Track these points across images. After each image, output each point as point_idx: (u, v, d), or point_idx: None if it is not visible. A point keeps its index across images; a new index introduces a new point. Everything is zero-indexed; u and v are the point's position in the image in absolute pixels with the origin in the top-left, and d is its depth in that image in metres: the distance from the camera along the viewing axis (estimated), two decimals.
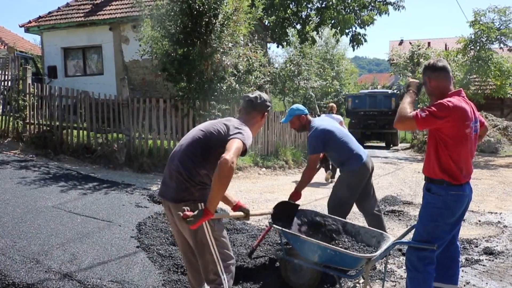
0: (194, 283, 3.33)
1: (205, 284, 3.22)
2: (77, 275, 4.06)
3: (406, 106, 3.19)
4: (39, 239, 4.87)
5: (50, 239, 4.89)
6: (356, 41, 18.51)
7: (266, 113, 3.34)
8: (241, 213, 3.40)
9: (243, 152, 2.88)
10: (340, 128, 4.91)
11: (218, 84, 9.95)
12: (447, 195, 3.19)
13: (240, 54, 10.58)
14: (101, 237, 5.13)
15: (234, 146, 2.78)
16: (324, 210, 5.15)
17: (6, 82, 11.99)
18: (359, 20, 18.06)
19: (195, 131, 3.12)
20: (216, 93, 9.93)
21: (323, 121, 4.97)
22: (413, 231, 3.52)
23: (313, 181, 5.21)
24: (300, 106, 5.06)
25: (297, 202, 4.59)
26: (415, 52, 23.90)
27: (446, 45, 29.25)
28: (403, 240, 3.74)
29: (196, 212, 2.73)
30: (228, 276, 3.07)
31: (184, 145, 3.06)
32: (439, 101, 3.14)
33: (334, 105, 10.93)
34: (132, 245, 4.95)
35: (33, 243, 4.73)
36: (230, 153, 2.70)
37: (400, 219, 6.91)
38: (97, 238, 5.08)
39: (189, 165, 2.95)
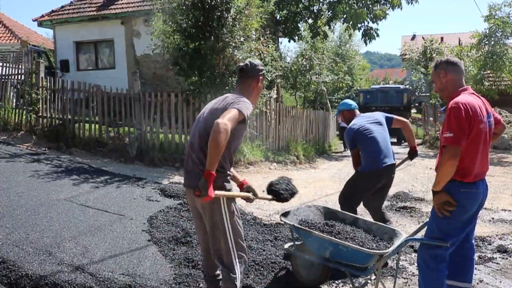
0: (210, 272, 3.41)
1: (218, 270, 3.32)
2: (89, 268, 4.08)
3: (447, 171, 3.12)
4: (52, 231, 4.91)
5: (63, 232, 4.92)
6: (368, 35, 18.33)
7: (261, 77, 3.36)
8: (249, 194, 3.44)
9: (242, 120, 2.99)
10: (373, 129, 4.89)
11: (230, 79, 9.93)
12: (459, 192, 3.15)
13: (252, 49, 10.53)
14: (112, 230, 5.15)
15: (228, 113, 2.88)
16: (335, 206, 5.13)
17: (19, 76, 12.09)
18: (371, 15, 17.86)
19: (203, 118, 3.17)
20: (227, 87, 9.90)
21: (360, 119, 5.05)
22: (425, 228, 3.48)
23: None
24: (348, 101, 5.36)
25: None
26: (428, 47, 23.68)
27: (459, 40, 28.91)
28: (416, 237, 3.70)
29: (200, 182, 2.80)
30: (240, 265, 3.18)
31: (197, 133, 3.13)
32: (452, 115, 3.08)
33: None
34: (144, 239, 4.97)
35: (46, 236, 4.76)
36: (223, 118, 2.82)
37: (411, 216, 6.86)
38: (109, 231, 5.10)
39: (205, 151, 2.94)
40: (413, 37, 44.12)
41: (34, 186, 6.80)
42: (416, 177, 10.64)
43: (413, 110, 30.66)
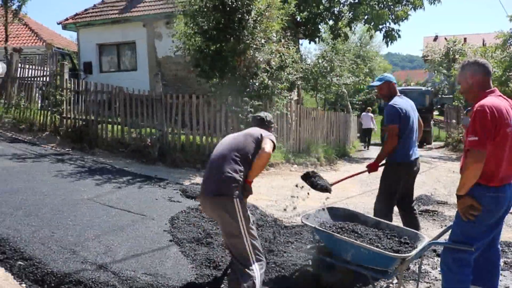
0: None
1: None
2: (112, 267, 4.14)
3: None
4: (76, 230, 4.99)
5: (86, 231, 5.00)
6: (390, 37, 18.13)
7: (272, 128, 4.10)
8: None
9: (273, 149, 3.67)
10: (412, 119, 4.76)
11: (251, 80, 9.96)
12: (484, 197, 3.10)
13: (273, 50, 10.54)
14: (135, 230, 5.21)
15: (269, 143, 3.62)
16: (357, 209, 5.10)
17: (44, 78, 12.33)
18: (392, 16, 17.66)
19: (234, 139, 3.77)
20: (248, 89, 9.93)
21: (405, 103, 4.80)
22: (449, 232, 3.43)
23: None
24: (392, 76, 5.06)
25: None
26: (451, 48, 23.35)
27: (483, 41, 28.44)
28: (439, 240, 3.65)
29: (248, 189, 3.64)
30: (260, 267, 3.44)
31: (226, 150, 3.65)
32: (478, 118, 3.03)
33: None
34: (165, 239, 5.01)
35: (70, 234, 4.85)
36: (267, 147, 3.58)
37: (434, 219, 6.76)
38: (131, 231, 5.15)
39: (234, 166, 3.52)
40: (435, 38, 43.53)
41: (58, 185, 6.92)
42: (438, 180, 10.50)
43: (435, 112, 30.27)
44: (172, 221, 5.60)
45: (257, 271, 3.39)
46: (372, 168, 4.81)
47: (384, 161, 4.82)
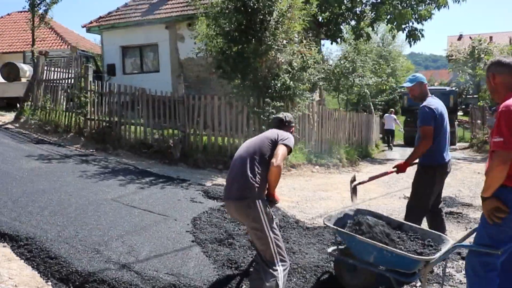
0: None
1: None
2: (135, 267, 4.18)
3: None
4: (99, 230, 5.06)
5: (110, 231, 5.07)
6: (413, 36, 17.88)
7: (292, 129, 4.08)
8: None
9: (288, 152, 3.72)
10: (446, 120, 4.71)
11: (273, 81, 9.95)
12: (511, 199, 3.03)
13: (295, 51, 10.52)
14: (157, 230, 5.26)
15: (280, 152, 3.59)
16: (379, 210, 5.05)
17: (69, 80, 12.54)
18: (416, 15, 17.40)
19: (255, 142, 3.81)
20: (270, 90, 9.93)
21: (438, 103, 4.72)
22: (474, 235, 3.36)
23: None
24: (423, 76, 5.00)
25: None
26: (476, 47, 22.91)
27: (510, 39, 27.79)
28: (464, 243, 3.58)
29: (272, 203, 3.78)
30: (284, 267, 3.48)
31: (247, 153, 3.70)
32: (502, 119, 2.96)
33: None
34: (187, 240, 5.04)
35: (94, 234, 4.92)
36: (278, 160, 3.55)
37: (458, 222, 6.65)
38: (154, 231, 5.20)
39: (254, 168, 3.58)
40: (460, 37, 42.79)
41: (82, 186, 7.04)
42: (463, 181, 10.31)
43: (460, 113, 29.76)
44: (194, 221, 5.63)
45: (280, 272, 3.42)
46: (401, 168, 4.72)
47: (416, 161, 4.74)
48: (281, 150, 3.59)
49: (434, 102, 4.67)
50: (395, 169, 4.78)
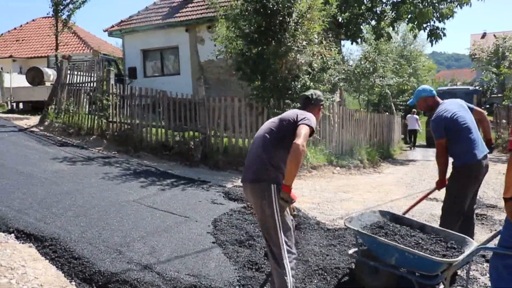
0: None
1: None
2: (156, 267, 4.22)
3: None
4: (121, 231, 5.12)
5: (132, 232, 5.12)
6: (434, 35, 17.62)
7: (321, 107, 3.89)
8: None
9: (311, 133, 3.43)
10: (466, 117, 4.58)
11: (293, 83, 9.94)
12: None
13: (315, 52, 10.48)
14: (178, 231, 5.30)
15: (303, 132, 3.33)
16: (401, 211, 5.00)
17: (91, 83, 12.75)
18: (437, 14, 17.15)
19: (270, 123, 3.64)
20: (290, 92, 9.91)
21: (450, 106, 4.65)
22: (498, 237, 3.29)
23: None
24: (427, 87, 4.95)
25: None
26: (500, 46, 22.45)
27: None
28: (488, 245, 3.51)
29: (284, 196, 3.29)
30: (290, 259, 3.40)
31: (262, 134, 3.58)
32: None
33: None
34: (208, 241, 5.06)
35: (116, 235, 4.98)
36: (300, 139, 3.27)
37: (483, 223, 6.53)
38: (175, 233, 5.24)
39: (268, 149, 3.46)
40: (484, 35, 42.07)
41: (105, 187, 7.14)
42: (487, 182, 10.11)
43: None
44: (215, 223, 5.66)
45: (287, 265, 3.35)
46: (440, 185, 4.67)
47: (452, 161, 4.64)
48: (303, 129, 3.35)
49: (442, 109, 4.61)
50: (435, 186, 4.75)
